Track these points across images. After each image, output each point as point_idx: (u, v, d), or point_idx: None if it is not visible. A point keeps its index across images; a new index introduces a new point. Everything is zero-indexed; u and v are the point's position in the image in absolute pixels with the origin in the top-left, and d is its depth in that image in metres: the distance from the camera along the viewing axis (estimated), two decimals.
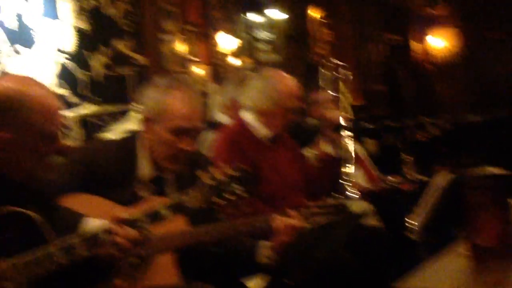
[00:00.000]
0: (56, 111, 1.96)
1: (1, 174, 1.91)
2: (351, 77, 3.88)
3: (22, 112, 1.88)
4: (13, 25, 5.58)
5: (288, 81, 3.20)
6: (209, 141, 3.65)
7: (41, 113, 1.90)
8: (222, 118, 4.03)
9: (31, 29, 5.77)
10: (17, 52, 5.57)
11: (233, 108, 3.96)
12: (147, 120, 2.51)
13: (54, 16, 6.07)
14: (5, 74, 5.31)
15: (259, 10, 8.86)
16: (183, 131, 2.45)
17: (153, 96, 2.50)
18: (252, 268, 2.68)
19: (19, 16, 5.66)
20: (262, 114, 3.18)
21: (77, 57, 6.25)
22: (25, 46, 5.69)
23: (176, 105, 2.45)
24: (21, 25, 5.69)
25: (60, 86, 5.95)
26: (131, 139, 2.58)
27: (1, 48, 5.42)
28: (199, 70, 8.33)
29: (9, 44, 5.51)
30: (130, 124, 4.38)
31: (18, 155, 1.91)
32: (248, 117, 3.22)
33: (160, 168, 2.53)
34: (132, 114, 4.61)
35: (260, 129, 3.20)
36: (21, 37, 5.65)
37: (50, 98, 1.96)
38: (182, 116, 2.44)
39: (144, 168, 2.53)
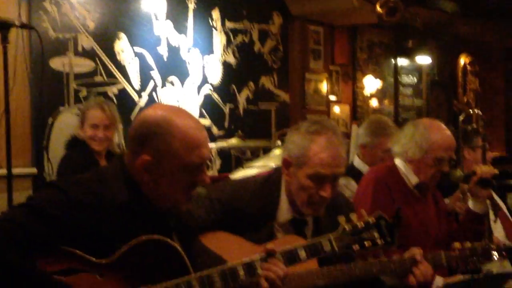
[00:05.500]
0: (201, 143, 1.93)
1: (147, 200, 1.94)
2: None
3: (165, 139, 1.89)
4: (167, 57, 5.89)
5: (444, 132, 3.07)
6: (351, 186, 3.62)
7: (185, 143, 1.89)
8: (358, 163, 3.95)
9: (185, 61, 6.06)
10: (171, 83, 5.87)
11: (369, 152, 3.89)
12: (288, 163, 2.47)
13: (206, 50, 6.35)
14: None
15: (408, 55, 8.75)
16: (323, 177, 2.38)
17: (296, 140, 2.45)
18: None
19: (173, 49, 5.96)
20: (413, 162, 3.07)
21: (223, 90, 6.48)
22: (178, 78, 5.98)
23: (318, 152, 2.38)
24: (175, 57, 5.98)
25: (204, 117, 6.19)
26: (274, 179, 2.55)
27: (156, 79, 5.74)
28: (339, 111, 8.36)
29: (163, 76, 5.81)
30: (272, 161, 4.39)
31: (159, 181, 1.92)
32: (398, 163, 3.13)
33: (298, 211, 2.49)
34: (275, 151, 4.62)
35: (410, 177, 3.09)
36: (175, 69, 5.96)
37: (196, 130, 1.93)
38: (323, 163, 2.37)
39: (283, 209, 2.53)
